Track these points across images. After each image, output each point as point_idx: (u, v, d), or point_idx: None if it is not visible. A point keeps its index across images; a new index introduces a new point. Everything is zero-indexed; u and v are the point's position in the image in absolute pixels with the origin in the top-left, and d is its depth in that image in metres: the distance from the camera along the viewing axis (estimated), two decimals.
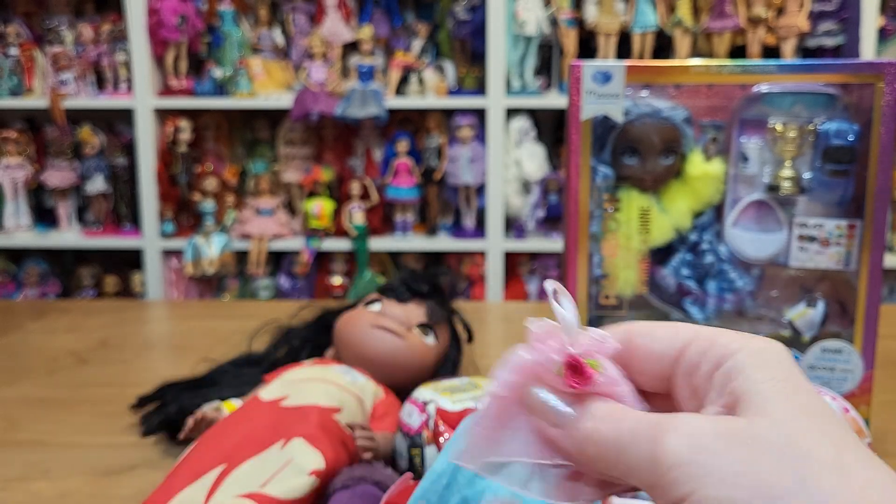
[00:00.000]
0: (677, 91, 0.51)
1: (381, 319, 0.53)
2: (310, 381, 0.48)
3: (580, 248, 0.51)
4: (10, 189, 1.63)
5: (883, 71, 0.49)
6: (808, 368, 0.52)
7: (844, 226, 0.51)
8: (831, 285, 0.53)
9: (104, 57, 1.63)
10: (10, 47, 1.64)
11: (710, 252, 0.52)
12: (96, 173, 1.63)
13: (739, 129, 0.52)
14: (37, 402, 0.63)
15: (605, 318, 0.53)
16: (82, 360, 0.73)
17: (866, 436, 0.43)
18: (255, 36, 1.67)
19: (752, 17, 1.54)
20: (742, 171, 0.52)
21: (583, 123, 0.50)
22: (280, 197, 1.69)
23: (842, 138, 0.50)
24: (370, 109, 1.55)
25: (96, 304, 1.09)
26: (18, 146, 1.62)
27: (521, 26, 1.53)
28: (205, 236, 1.64)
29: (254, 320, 0.64)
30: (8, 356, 0.74)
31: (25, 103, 1.63)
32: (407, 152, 1.62)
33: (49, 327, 0.83)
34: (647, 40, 1.57)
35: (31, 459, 0.53)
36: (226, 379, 0.57)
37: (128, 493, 0.49)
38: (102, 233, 1.68)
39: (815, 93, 0.51)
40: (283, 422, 0.43)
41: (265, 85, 1.62)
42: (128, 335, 0.81)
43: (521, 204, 1.62)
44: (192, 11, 1.60)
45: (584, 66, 0.49)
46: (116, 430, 0.57)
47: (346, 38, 1.64)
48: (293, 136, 1.66)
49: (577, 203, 0.51)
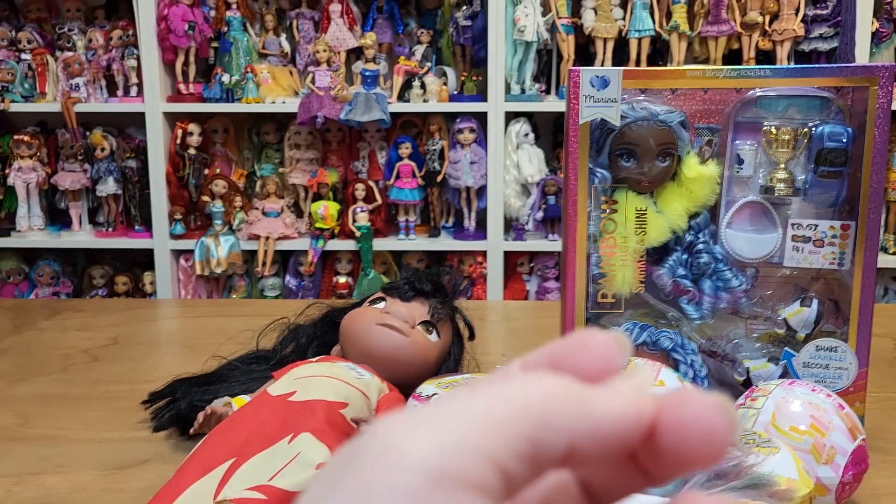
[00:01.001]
0: (673, 95, 0.52)
1: (385, 317, 0.54)
2: (317, 377, 0.49)
3: (578, 247, 0.52)
4: (23, 191, 1.66)
5: (877, 74, 0.50)
6: (803, 366, 0.53)
7: (838, 226, 0.52)
8: (825, 285, 0.54)
9: (115, 62, 1.66)
10: (22, 53, 1.67)
11: (705, 252, 0.53)
12: (107, 176, 1.66)
13: (734, 132, 0.53)
14: (50, 399, 0.64)
15: (603, 315, 0.55)
16: (94, 357, 0.75)
17: (861, 433, 0.44)
18: (262, 42, 1.69)
19: (747, 22, 1.55)
20: (737, 173, 0.53)
21: (581, 127, 0.51)
22: (286, 199, 1.71)
23: (835, 141, 0.51)
24: (374, 114, 1.57)
25: (108, 303, 1.11)
26: (31, 149, 1.65)
27: (521, 32, 1.55)
28: (213, 237, 1.66)
29: (261, 318, 0.65)
30: (22, 354, 0.76)
31: (38, 107, 1.66)
32: (409, 155, 1.63)
33: (62, 326, 0.85)
34: (644, 45, 1.58)
35: (44, 454, 0.54)
36: (235, 375, 0.58)
37: (139, 486, 0.50)
38: (113, 234, 1.70)
39: (809, 96, 0.52)
40: (290, 417, 0.45)
41: (272, 90, 1.64)
42: (139, 333, 0.83)
43: (521, 205, 1.63)
44: (201, 18, 1.62)
45: (582, 71, 0.50)
46: (128, 425, 0.59)
47: (351, 45, 1.66)
48: (299, 139, 1.68)
49: (575, 204, 0.52)
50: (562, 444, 0.14)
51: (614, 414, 0.14)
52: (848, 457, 0.43)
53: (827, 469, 0.43)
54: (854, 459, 0.43)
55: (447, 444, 0.13)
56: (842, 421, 0.44)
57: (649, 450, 0.15)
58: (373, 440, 0.14)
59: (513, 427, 0.13)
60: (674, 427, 0.14)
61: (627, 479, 0.15)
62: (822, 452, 0.43)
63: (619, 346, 0.15)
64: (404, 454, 0.13)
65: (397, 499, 0.13)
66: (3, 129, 1.72)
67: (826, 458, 0.43)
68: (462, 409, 0.14)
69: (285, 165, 1.71)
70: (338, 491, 0.13)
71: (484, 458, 0.13)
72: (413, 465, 0.13)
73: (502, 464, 0.13)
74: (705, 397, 0.14)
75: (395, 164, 1.64)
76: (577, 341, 0.15)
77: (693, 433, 0.14)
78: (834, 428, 0.43)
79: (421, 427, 0.13)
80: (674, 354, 0.54)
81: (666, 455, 0.14)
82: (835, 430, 0.43)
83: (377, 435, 0.14)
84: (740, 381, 0.55)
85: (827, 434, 0.43)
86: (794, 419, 0.44)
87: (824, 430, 0.43)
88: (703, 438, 0.14)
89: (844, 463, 0.43)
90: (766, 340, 0.55)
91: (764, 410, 0.45)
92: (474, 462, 0.13)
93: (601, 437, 0.14)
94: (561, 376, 0.15)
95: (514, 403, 0.14)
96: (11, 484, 0.51)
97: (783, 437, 0.43)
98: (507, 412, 0.14)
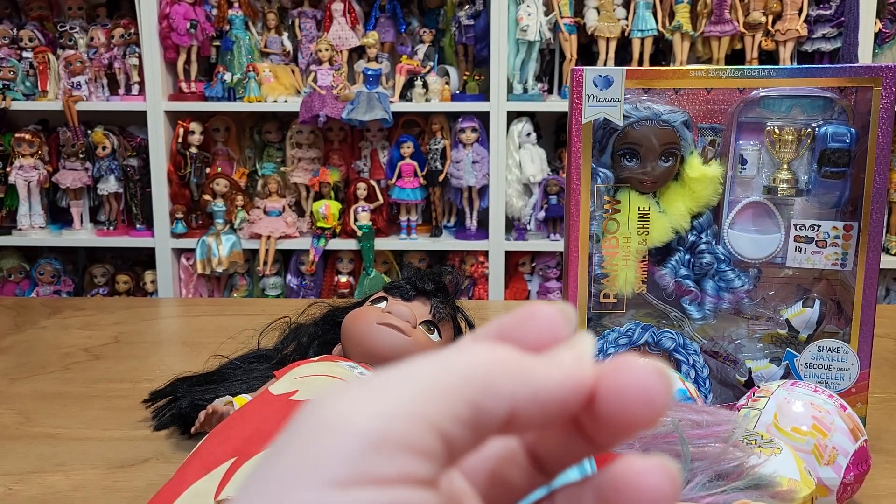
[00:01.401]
0: (676, 95, 0.52)
1: (386, 317, 0.54)
2: (318, 376, 0.49)
3: (581, 247, 0.52)
4: (24, 189, 1.66)
5: (880, 75, 0.50)
6: (805, 367, 0.53)
7: (841, 227, 0.52)
8: (828, 285, 0.54)
9: (116, 61, 1.66)
10: (24, 51, 1.67)
11: (707, 252, 0.53)
12: (109, 174, 1.66)
13: (737, 133, 0.53)
14: (51, 397, 0.64)
15: (605, 315, 0.55)
16: (95, 356, 0.75)
17: (863, 434, 0.44)
18: (264, 41, 1.69)
19: (750, 22, 1.54)
20: (740, 173, 0.53)
21: (584, 126, 0.51)
22: (288, 198, 1.71)
23: (839, 141, 0.51)
24: (376, 113, 1.57)
25: (109, 302, 1.11)
26: (32, 147, 1.65)
27: (523, 32, 1.55)
28: (215, 236, 1.67)
29: (263, 318, 0.65)
30: (23, 352, 0.76)
31: (39, 106, 1.66)
32: (411, 155, 1.63)
33: (63, 324, 0.85)
34: (647, 45, 1.58)
35: (45, 453, 0.54)
36: (236, 374, 0.58)
37: (140, 485, 0.50)
38: (115, 232, 1.71)
39: (813, 96, 0.52)
40: (292, 415, 0.45)
41: (274, 89, 1.64)
42: (140, 332, 0.83)
43: (523, 205, 1.63)
44: (203, 17, 1.62)
45: (586, 70, 0.50)
46: (129, 424, 0.59)
47: (353, 44, 1.66)
48: (301, 138, 1.68)
49: (578, 204, 0.52)
50: (503, 410, 0.14)
51: (555, 380, 0.15)
52: (849, 457, 0.43)
53: (828, 470, 0.43)
54: (856, 460, 0.43)
55: (389, 411, 0.13)
56: (843, 422, 0.44)
57: (591, 416, 0.15)
58: (316, 410, 0.14)
59: (454, 393, 0.14)
60: (613, 392, 0.15)
61: (572, 445, 0.16)
62: (823, 453, 0.43)
63: (565, 317, 0.16)
64: (347, 422, 0.13)
65: (340, 464, 0.13)
66: (4, 127, 1.72)
67: (828, 459, 0.43)
68: (405, 378, 0.14)
69: (287, 164, 1.71)
70: (282, 459, 0.14)
71: (426, 424, 0.13)
72: (355, 431, 0.13)
73: (444, 429, 0.14)
74: (643, 362, 0.15)
75: (397, 163, 1.64)
76: (525, 313, 0.16)
77: (632, 398, 0.14)
78: (836, 429, 0.43)
79: (364, 396, 0.14)
80: (676, 355, 0.53)
81: (607, 420, 0.15)
82: (836, 430, 0.43)
83: (321, 405, 0.14)
84: (742, 382, 0.55)
85: (829, 435, 0.43)
86: (796, 420, 0.44)
87: (826, 431, 0.43)
88: (642, 402, 0.14)
89: (846, 464, 0.43)
90: (768, 341, 0.55)
91: (766, 411, 0.45)
92: (416, 428, 0.13)
93: (542, 403, 0.14)
94: (505, 346, 0.15)
95: (456, 371, 0.14)
96: (12, 482, 0.51)
97: (785, 438, 0.43)
98: (449, 379, 0.14)
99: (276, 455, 0.14)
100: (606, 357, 0.53)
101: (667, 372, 0.15)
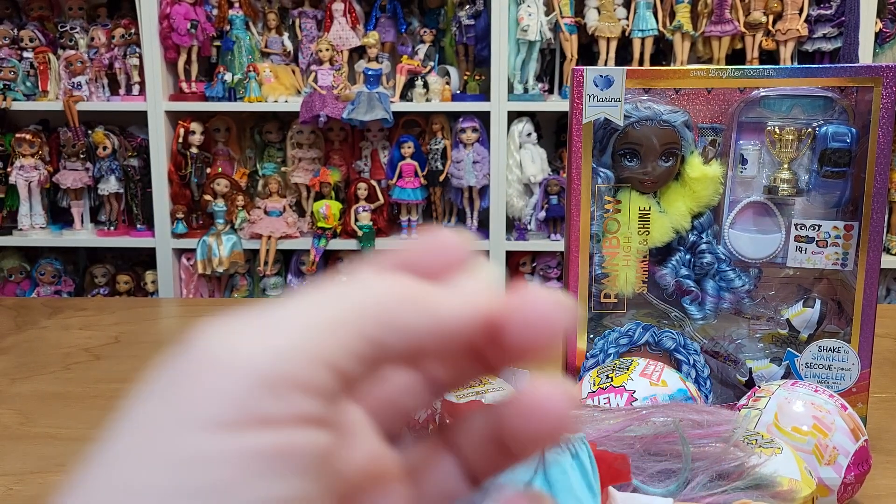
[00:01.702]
0: (677, 95, 0.52)
1: None
2: None
3: (581, 247, 0.52)
4: (24, 189, 1.66)
5: (881, 74, 0.50)
6: (806, 367, 0.53)
7: (841, 227, 0.52)
8: (828, 285, 0.54)
9: (117, 61, 1.66)
10: (24, 51, 1.68)
11: (708, 252, 0.53)
12: (109, 174, 1.66)
13: (738, 132, 0.53)
14: (52, 397, 0.65)
15: (606, 315, 0.55)
16: (96, 356, 0.75)
17: (863, 434, 0.44)
18: (265, 41, 1.69)
19: (751, 22, 1.54)
20: (740, 173, 0.53)
21: (584, 126, 0.51)
22: (289, 198, 1.71)
23: (839, 141, 0.51)
24: (376, 113, 1.57)
25: (109, 302, 1.11)
26: (33, 148, 1.65)
27: (524, 32, 1.55)
28: (215, 236, 1.67)
29: None
30: (23, 352, 0.76)
31: (40, 106, 1.66)
32: (412, 155, 1.63)
33: (63, 324, 0.85)
34: (647, 45, 1.58)
35: (45, 453, 0.54)
36: None
37: None
38: (115, 232, 1.71)
39: (813, 96, 0.52)
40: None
41: (274, 89, 1.64)
42: (140, 332, 0.83)
43: (523, 205, 1.63)
44: (203, 17, 1.63)
45: (586, 70, 0.50)
46: None
47: (354, 44, 1.66)
48: (301, 138, 1.69)
49: (578, 204, 0.52)
50: (402, 343, 0.14)
51: (456, 311, 0.14)
52: (850, 457, 0.43)
53: (829, 470, 0.43)
54: (856, 460, 0.43)
55: (278, 348, 0.13)
56: (844, 422, 0.44)
57: (490, 341, 0.15)
58: (200, 347, 0.13)
59: (351, 327, 0.13)
60: (513, 319, 0.14)
61: (467, 369, 0.16)
62: (824, 453, 0.43)
63: (463, 243, 0.15)
64: (234, 359, 0.13)
65: (226, 404, 0.12)
66: (5, 127, 1.72)
67: (828, 459, 0.43)
68: (300, 312, 0.13)
69: (287, 164, 1.71)
70: (160, 399, 0.13)
71: (318, 360, 0.13)
72: (243, 369, 0.12)
73: (340, 366, 0.13)
74: (543, 291, 0.15)
75: (398, 163, 1.64)
76: (424, 242, 0.15)
77: (531, 323, 0.14)
78: (836, 429, 0.43)
79: (254, 331, 0.13)
80: (676, 355, 0.53)
81: (506, 347, 0.14)
82: (837, 430, 0.43)
83: (205, 341, 0.13)
84: (743, 382, 0.55)
85: (829, 435, 0.43)
86: (797, 420, 0.44)
87: (827, 431, 0.43)
88: (541, 328, 0.14)
89: (847, 464, 0.43)
90: (768, 341, 0.55)
91: (766, 411, 0.45)
92: (307, 364, 0.13)
93: (442, 335, 0.14)
94: (404, 276, 0.14)
95: (353, 304, 0.13)
96: (13, 482, 0.51)
97: (785, 438, 0.43)
98: (346, 313, 0.13)
99: (152, 394, 0.13)
100: (606, 357, 0.53)
101: (568, 301, 0.15)
